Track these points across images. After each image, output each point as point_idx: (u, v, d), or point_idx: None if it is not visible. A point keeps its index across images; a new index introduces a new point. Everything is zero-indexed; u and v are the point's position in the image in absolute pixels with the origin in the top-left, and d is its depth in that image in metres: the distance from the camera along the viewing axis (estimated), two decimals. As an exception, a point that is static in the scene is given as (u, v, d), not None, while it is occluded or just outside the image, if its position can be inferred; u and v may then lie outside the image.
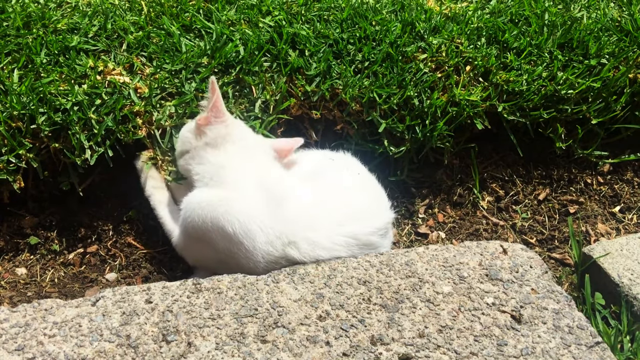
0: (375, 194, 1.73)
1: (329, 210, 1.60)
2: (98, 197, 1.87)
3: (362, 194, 1.70)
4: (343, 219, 1.59)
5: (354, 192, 1.69)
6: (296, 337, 1.31)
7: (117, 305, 1.35)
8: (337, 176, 1.73)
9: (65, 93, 1.73)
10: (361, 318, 1.37)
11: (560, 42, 2.19)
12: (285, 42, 2.00)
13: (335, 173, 1.74)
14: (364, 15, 2.18)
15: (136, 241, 1.82)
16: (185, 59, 1.89)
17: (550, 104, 2.05)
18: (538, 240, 1.98)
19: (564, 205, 2.09)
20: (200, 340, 1.29)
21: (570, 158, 2.18)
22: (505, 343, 1.33)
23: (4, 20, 1.97)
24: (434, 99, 1.95)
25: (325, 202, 1.62)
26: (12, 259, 1.74)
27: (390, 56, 2.03)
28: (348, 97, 1.92)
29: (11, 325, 1.29)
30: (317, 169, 1.75)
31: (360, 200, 1.68)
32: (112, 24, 2.02)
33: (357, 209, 1.63)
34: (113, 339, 1.28)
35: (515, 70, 2.07)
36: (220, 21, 2.07)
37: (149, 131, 1.78)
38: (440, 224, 2.01)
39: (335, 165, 1.77)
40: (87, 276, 1.72)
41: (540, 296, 1.46)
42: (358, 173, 1.75)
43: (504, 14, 2.30)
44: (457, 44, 2.12)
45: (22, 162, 1.66)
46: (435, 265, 1.53)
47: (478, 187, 2.07)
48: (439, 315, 1.39)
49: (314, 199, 1.61)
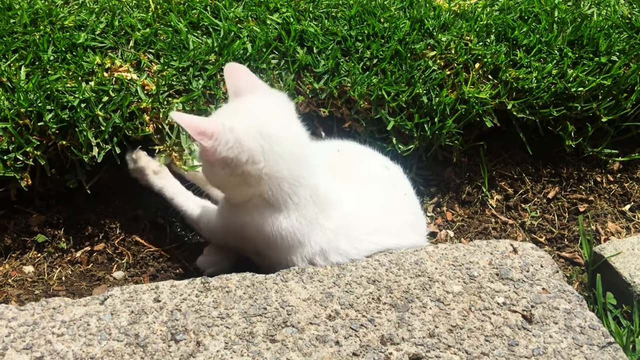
0: (415, 218, 1.73)
1: (368, 226, 1.59)
2: (105, 194, 1.86)
3: (404, 216, 1.69)
4: (380, 239, 1.59)
5: (396, 212, 1.67)
6: (305, 337, 1.31)
7: (126, 304, 1.35)
8: (385, 192, 1.70)
9: (73, 90, 1.73)
10: (371, 317, 1.36)
11: (570, 39, 2.17)
12: (293, 39, 1.98)
13: (385, 188, 1.72)
14: (372, 12, 2.17)
15: (143, 239, 1.82)
16: (193, 56, 1.88)
17: (560, 102, 2.03)
18: (547, 239, 1.96)
19: (573, 204, 2.07)
20: (209, 340, 1.28)
21: (579, 156, 2.16)
22: (516, 343, 1.32)
23: (11, 17, 1.96)
24: (443, 97, 1.94)
25: (367, 218, 1.60)
26: (19, 257, 1.74)
27: (398, 53, 2.02)
28: (356, 94, 1.91)
29: (19, 324, 1.29)
30: (371, 176, 1.73)
31: (399, 221, 1.66)
32: (119, 21, 2.00)
33: (395, 231, 1.62)
34: (121, 338, 1.27)
35: (524, 67, 2.05)
36: (228, 18, 2.06)
37: (157, 127, 1.77)
38: (448, 222, 2.00)
39: (387, 177, 1.75)
40: (95, 274, 1.72)
41: (552, 296, 1.44)
42: (405, 193, 1.74)
43: (514, 11, 2.29)
44: (466, 41, 2.10)
45: (30, 159, 1.66)
46: (445, 265, 1.52)
47: (487, 186, 2.06)
48: (449, 315, 1.38)
49: (357, 213, 1.60)
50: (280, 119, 1.51)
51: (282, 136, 1.47)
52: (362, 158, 1.78)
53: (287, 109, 1.56)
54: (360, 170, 1.74)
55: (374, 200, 1.65)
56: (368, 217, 1.61)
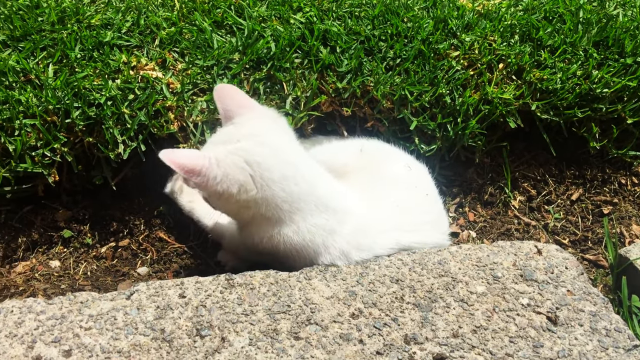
0: (437, 217, 1.72)
1: (385, 224, 1.59)
2: (130, 191, 1.88)
3: (425, 215, 1.68)
4: (398, 235, 1.59)
5: (416, 211, 1.67)
6: (329, 335, 1.31)
7: (152, 299, 1.36)
8: (405, 192, 1.70)
9: (99, 88, 1.75)
10: (394, 317, 1.36)
11: (596, 40, 2.15)
12: (316, 39, 1.99)
13: (405, 187, 1.71)
14: (395, 11, 2.16)
15: (167, 236, 1.84)
16: (217, 55, 1.89)
17: (585, 103, 2.02)
18: (571, 241, 1.95)
19: (597, 206, 2.06)
20: (233, 336, 1.29)
21: (604, 158, 2.14)
22: (541, 345, 1.31)
23: (39, 15, 1.99)
24: (466, 97, 1.93)
25: (384, 217, 1.60)
26: (46, 251, 1.76)
27: (422, 53, 2.02)
28: (379, 94, 1.91)
29: (48, 317, 1.31)
30: (392, 176, 1.73)
31: (419, 220, 1.66)
32: (145, 19, 2.03)
33: (413, 229, 1.62)
34: (148, 333, 1.28)
35: (549, 68, 2.04)
36: (252, 17, 2.07)
37: (181, 125, 1.79)
38: (471, 223, 1.99)
39: (409, 177, 1.74)
40: (119, 270, 1.74)
41: (577, 298, 1.43)
42: (427, 193, 1.73)
43: (538, 11, 2.27)
44: (490, 41, 2.09)
45: (57, 155, 1.68)
46: (469, 265, 1.52)
47: (510, 186, 2.05)
48: (473, 316, 1.37)
49: (373, 213, 1.60)
50: (268, 142, 1.48)
51: (271, 162, 1.45)
52: (384, 158, 1.78)
53: (276, 128, 1.55)
54: (381, 170, 1.74)
55: (393, 199, 1.65)
56: (385, 215, 1.60)
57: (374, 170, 1.73)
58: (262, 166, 1.44)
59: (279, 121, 1.58)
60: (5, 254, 1.74)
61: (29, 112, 1.68)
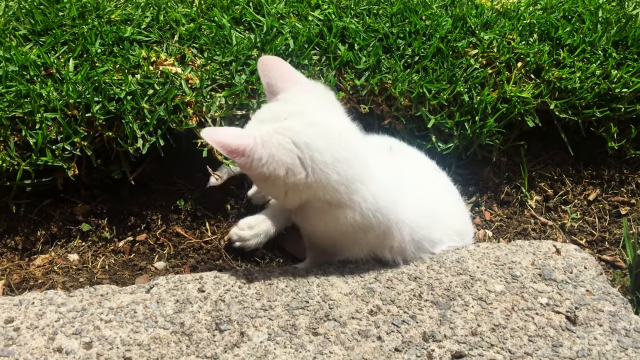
0: (467, 225, 1.73)
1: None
2: (148, 186, 1.89)
3: (457, 221, 1.68)
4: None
5: (452, 215, 1.68)
6: (347, 331, 1.31)
7: (171, 293, 1.37)
8: (442, 194, 1.70)
9: (119, 83, 1.76)
10: (412, 314, 1.37)
11: (615, 39, 2.13)
12: (334, 36, 1.99)
13: (441, 189, 1.71)
14: (414, 9, 2.16)
15: (184, 231, 1.84)
16: (236, 51, 1.90)
17: (604, 103, 2.01)
18: (588, 242, 1.94)
19: (615, 207, 2.04)
20: (252, 331, 1.29)
21: (622, 158, 2.13)
22: (560, 344, 1.31)
23: (59, 10, 2.00)
24: (485, 95, 1.93)
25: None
26: (64, 245, 1.77)
27: (440, 51, 2.01)
28: (397, 91, 1.90)
29: (68, 310, 1.32)
30: (427, 176, 1.72)
31: (456, 224, 1.66)
32: (164, 15, 2.03)
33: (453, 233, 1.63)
34: (167, 326, 1.29)
35: (568, 67, 2.03)
36: (270, 14, 2.07)
37: (200, 121, 1.79)
38: (487, 222, 1.98)
39: (442, 180, 1.75)
40: (137, 264, 1.75)
41: (596, 298, 1.43)
42: (458, 199, 1.74)
43: (557, 10, 2.26)
44: (508, 39, 2.08)
45: (77, 149, 1.69)
46: (487, 264, 1.52)
47: (526, 186, 2.04)
48: (492, 314, 1.37)
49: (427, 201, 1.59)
50: (317, 121, 1.37)
51: (321, 143, 1.35)
52: (414, 159, 1.77)
53: (325, 104, 1.45)
54: (415, 170, 1.71)
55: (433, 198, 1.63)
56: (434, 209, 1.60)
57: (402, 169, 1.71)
58: (312, 147, 1.33)
59: (327, 96, 1.48)
60: (25, 246, 1.75)
61: (49, 106, 1.69)
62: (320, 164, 1.34)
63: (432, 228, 1.54)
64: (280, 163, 1.32)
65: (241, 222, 1.77)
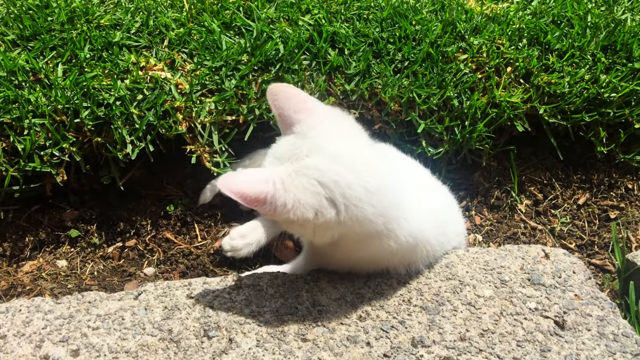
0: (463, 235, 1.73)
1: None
2: (137, 191, 1.89)
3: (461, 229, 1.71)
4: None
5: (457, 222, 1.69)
6: (336, 337, 1.31)
7: (159, 300, 1.37)
8: (447, 202, 1.69)
9: (108, 88, 1.75)
10: (401, 319, 1.37)
11: (604, 44, 2.14)
12: (324, 41, 1.99)
13: (446, 198, 1.71)
14: (404, 14, 2.17)
15: (174, 236, 1.84)
16: (226, 56, 1.90)
17: (592, 107, 2.02)
18: (577, 246, 1.95)
19: (604, 211, 2.05)
20: (241, 337, 1.29)
21: (611, 162, 2.13)
22: (548, 349, 1.31)
23: (48, 15, 1.99)
24: (474, 100, 1.93)
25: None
26: (53, 251, 1.77)
27: (430, 56, 2.02)
28: (387, 96, 1.91)
29: (56, 317, 1.31)
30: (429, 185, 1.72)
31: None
32: (154, 20, 2.03)
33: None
34: (155, 333, 1.28)
35: (557, 72, 2.03)
36: (260, 19, 2.07)
37: (189, 126, 1.79)
38: (477, 226, 1.99)
39: (444, 189, 1.75)
40: (126, 270, 1.74)
41: (584, 302, 1.43)
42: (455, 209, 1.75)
43: (546, 15, 2.27)
44: (498, 44, 2.09)
45: (65, 155, 1.68)
46: (476, 268, 1.52)
47: (516, 190, 2.04)
48: (481, 319, 1.37)
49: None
50: (341, 154, 1.27)
51: (350, 178, 1.24)
52: (415, 169, 1.76)
53: (345, 132, 1.35)
54: (418, 178, 1.71)
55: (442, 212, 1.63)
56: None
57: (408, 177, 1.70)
58: (342, 185, 1.23)
59: (346, 122, 1.38)
60: (13, 253, 1.74)
61: (38, 112, 1.68)
62: (353, 199, 1.24)
63: (444, 243, 1.55)
64: (308, 206, 1.22)
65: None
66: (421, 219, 1.42)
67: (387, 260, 1.44)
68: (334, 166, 1.24)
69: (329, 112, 1.37)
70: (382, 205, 1.28)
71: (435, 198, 1.65)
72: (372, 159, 1.32)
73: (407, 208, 1.36)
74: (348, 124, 1.37)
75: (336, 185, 1.23)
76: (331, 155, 1.25)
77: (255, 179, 1.21)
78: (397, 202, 1.33)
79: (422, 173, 1.77)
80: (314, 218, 1.23)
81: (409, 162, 1.78)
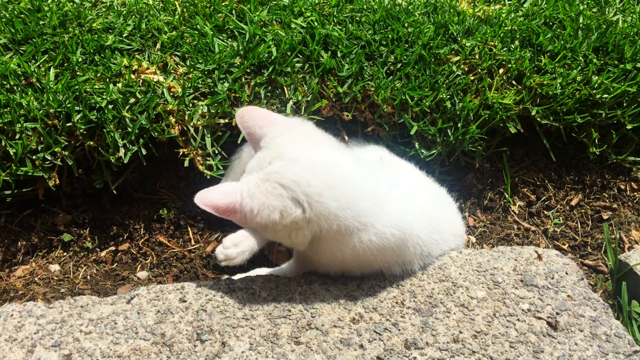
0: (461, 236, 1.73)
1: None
2: (130, 195, 1.88)
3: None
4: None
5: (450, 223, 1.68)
6: (330, 340, 1.31)
7: (152, 304, 1.36)
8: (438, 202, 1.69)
9: (100, 92, 1.75)
10: (395, 321, 1.37)
11: (595, 45, 2.15)
12: (317, 43, 1.99)
13: (438, 198, 1.71)
14: (396, 17, 2.17)
15: (167, 240, 1.83)
16: (218, 59, 1.90)
17: (585, 108, 2.02)
18: (570, 247, 1.95)
19: (597, 211, 2.06)
20: (234, 340, 1.29)
21: (603, 163, 2.14)
22: (541, 350, 1.31)
23: (40, 19, 1.99)
24: (467, 102, 1.93)
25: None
26: (45, 255, 1.76)
27: (422, 58, 2.02)
28: (380, 99, 1.91)
29: (48, 322, 1.31)
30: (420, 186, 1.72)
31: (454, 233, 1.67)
32: (146, 23, 2.03)
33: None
34: (148, 337, 1.28)
35: (549, 73, 2.04)
36: (253, 22, 2.07)
37: (182, 129, 1.79)
38: (470, 228, 1.99)
39: (437, 189, 1.75)
40: (119, 274, 1.73)
41: (577, 303, 1.43)
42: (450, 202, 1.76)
43: (538, 17, 2.28)
44: (490, 46, 2.10)
45: (58, 159, 1.68)
46: (469, 270, 1.52)
47: (509, 192, 2.05)
48: (474, 321, 1.38)
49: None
50: (300, 155, 1.36)
51: (308, 176, 1.32)
52: (406, 169, 1.77)
53: (304, 137, 1.44)
54: (411, 181, 1.71)
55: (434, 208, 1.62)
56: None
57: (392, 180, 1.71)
58: (301, 183, 1.31)
59: (304, 128, 1.47)
60: (5, 257, 1.73)
61: (30, 116, 1.68)
62: (315, 196, 1.31)
63: (438, 241, 1.55)
64: (272, 208, 1.30)
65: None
66: (408, 212, 1.44)
67: (376, 260, 1.43)
68: (292, 167, 1.33)
69: (289, 122, 1.48)
70: (346, 198, 1.34)
71: (431, 195, 1.66)
72: (330, 155, 1.41)
73: (388, 201, 1.40)
74: (307, 129, 1.47)
75: (296, 185, 1.31)
76: (290, 159, 1.35)
77: (225, 191, 1.33)
78: (367, 195, 1.38)
79: (415, 173, 1.77)
80: (281, 219, 1.31)
81: (402, 163, 1.80)
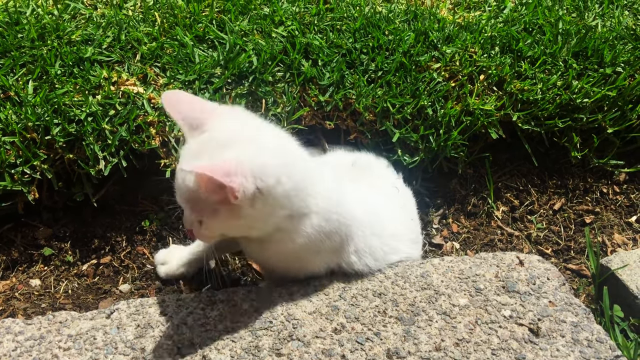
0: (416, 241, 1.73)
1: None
2: (111, 207, 1.87)
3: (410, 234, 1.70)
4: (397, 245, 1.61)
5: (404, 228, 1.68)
6: (311, 351, 1.30)
7: (132, 318, 1.35)
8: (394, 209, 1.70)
9: (80, 104, 1.74)
10: (377, 331, 1.36)
11: (575, 50, 2.17)
12: (298, 52, 1.99)
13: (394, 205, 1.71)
14: (377, 24, 2.18)
15: (149, 252, 1.82)
16: (199, 70, 1.89)
17: (565, 113, 2.04)
18: (554, 251, 1.96)
19: (579, 215, 2.07)
20: (215, 354, 1.28)
21: (585, 167, 2.15)
22: (523, 357, 1.31)
23: (18, 32, 1.97)
24: (448, 109, 1.94)
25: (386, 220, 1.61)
26: (26, 270, 1.74)
27: (403, 65, 2.03)
28: (361, 107, 1.91)
29: (26, 338, 1.29)
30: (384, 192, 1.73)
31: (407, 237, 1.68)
32: (126, 35, 2.02)
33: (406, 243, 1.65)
34: (128, 352, 1.27)
35: (529, 79, 2.05)
36: (233, 32, 2.07)
37: (163, 140, 1.78)
38: (454, 234, 1.99)
39: (397, 197, 1.75)
40: (101, 287, 1.72)
41: (558, 309, 1.44)
42: (412, 219, 1.75)
43: (518, 23, 2.29)
44: (470, 53, 2.10)
45: (37, 173, 1.67)
46: (451, 277, 1.52)
47: (492, 197, 2.05)
48: (456, 329, 1.37)
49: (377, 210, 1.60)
50: (264, 132, 1.37)
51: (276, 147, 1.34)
52: (374, 176, 1.77)
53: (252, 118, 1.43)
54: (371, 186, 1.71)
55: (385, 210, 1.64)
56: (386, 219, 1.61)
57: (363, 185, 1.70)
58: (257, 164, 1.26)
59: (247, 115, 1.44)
60: (-15, 273, 1.72)
61: (8, 130, 1.66)
62: (289, 166, 1.31)
63: (390, 245, 1.55)
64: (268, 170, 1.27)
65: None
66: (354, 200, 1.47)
67: (328, 246, 1.42)
68: (265, 141, 1.33)
69: (230, 110, 1.43)
70: (296, 180, 1.31)
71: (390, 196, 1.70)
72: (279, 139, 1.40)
73: (325, 182, 1.41)
74: (249, 116, 1.44)
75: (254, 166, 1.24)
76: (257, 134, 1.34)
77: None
78: (308, 177, 1.36)
79: (384, 175, 1.81)
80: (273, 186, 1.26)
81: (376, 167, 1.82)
